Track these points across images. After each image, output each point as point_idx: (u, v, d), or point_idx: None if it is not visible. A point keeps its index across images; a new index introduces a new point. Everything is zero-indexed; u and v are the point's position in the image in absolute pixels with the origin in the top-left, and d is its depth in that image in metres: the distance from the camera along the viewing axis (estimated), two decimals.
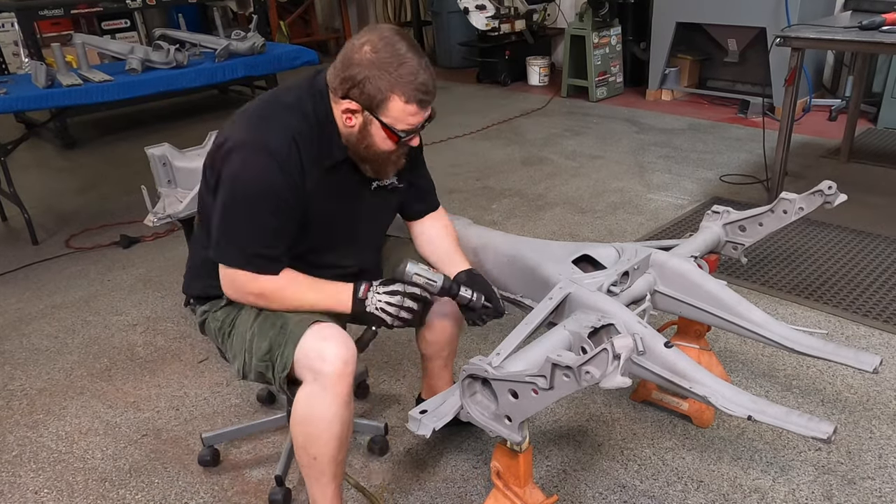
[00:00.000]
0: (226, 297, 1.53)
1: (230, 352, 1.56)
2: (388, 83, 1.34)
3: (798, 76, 3.02)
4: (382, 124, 1.39)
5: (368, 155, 1.46)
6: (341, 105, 1.40)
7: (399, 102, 1.36)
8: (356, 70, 1.34)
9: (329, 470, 1.48)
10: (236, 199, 1.39)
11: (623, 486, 1.79)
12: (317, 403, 1.40)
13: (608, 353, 1.05)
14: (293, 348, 1.40)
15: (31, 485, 1.92)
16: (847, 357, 1.51)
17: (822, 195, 1.82)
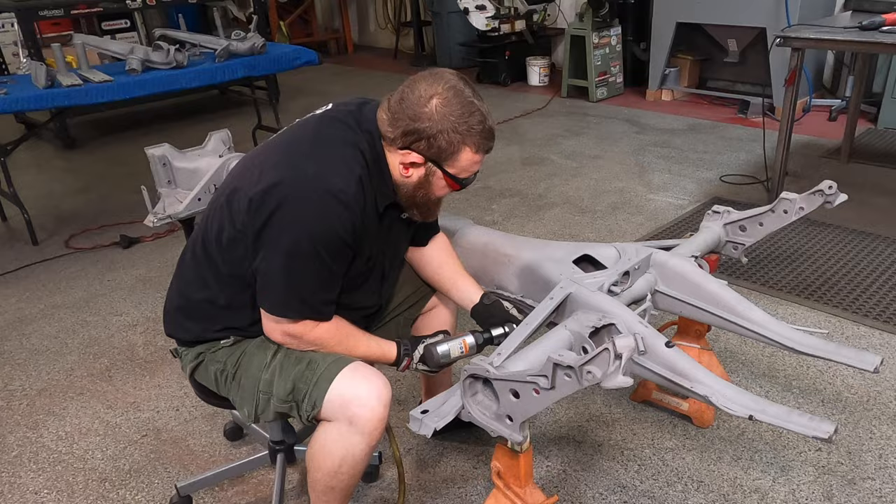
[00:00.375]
0: (230, 338, 1.46)
1: (235, 394, 1.47)
2: (460, 136, 1.33)
3: (798, 76, 3.03)
4: (446, 174, 1.38)
5: (422, 202, 1.44)
6: (399, 155, 1.36)
7: (469, 153, 1.36)
8: (426, 125, 1.31)
9: (342, 497, 1.46)
10: (303, 250, 1.30)
11: (623, 486, 1.78)
12: (349, 446, 1.36)
13: (610, 353, 1.05)
14: (325, 387, 1.35)
15: (31, 485, 1.92)
16: (847, 357, 1.51)
17: (823, 195, 1.82)
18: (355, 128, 1.38)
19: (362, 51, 8.65)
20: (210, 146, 2.74)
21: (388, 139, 1.36)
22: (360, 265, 1.44)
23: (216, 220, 1.40)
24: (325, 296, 1.38)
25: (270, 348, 1.45)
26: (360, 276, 1.47)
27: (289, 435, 1.77)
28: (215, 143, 2.76)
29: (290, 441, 1.78)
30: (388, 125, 1.35)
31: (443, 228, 1.99)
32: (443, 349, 1.52)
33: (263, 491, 1.85)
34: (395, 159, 1.37)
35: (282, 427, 1.75)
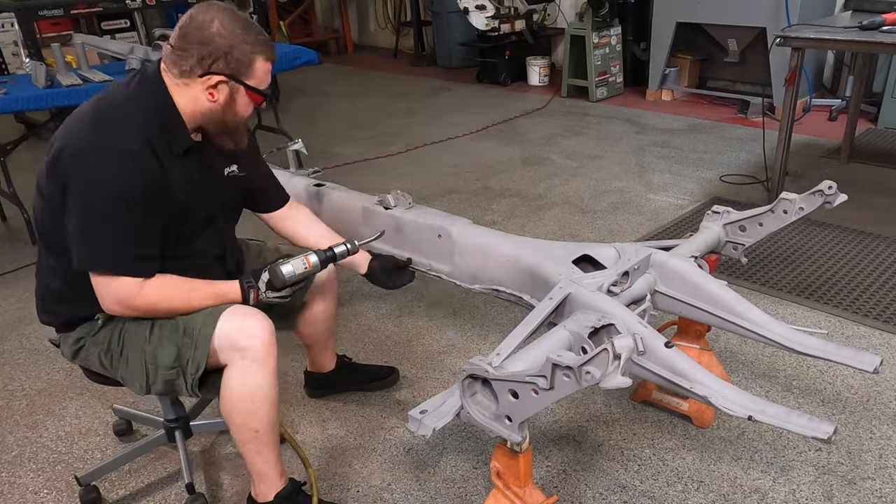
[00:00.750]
0: (102, 317, 1.50)
1: (125, 371, 1.53)
2: (250, 47, 1.45)
3: (798, 76, 3.02)
4: (249, 88, 1.48)
5: (232, 124, 1.53)
6: (200, 83, 1.44)
7: (262, 62, 1.48)
8: (218, 43, 1.41)
9: (271, 438, 1.55)
10: (99, 205, 1.36)
11: (623, 486, 1.78)
12: (251, 378, 1.46)
13: (609, 353, 1.05)
14: (206, 347, 1.44)
15: (31, 485, 1.92)
16: (847, 357, 1.51)
17: (823, 195, 1.82)
18: (136, 85, 1.47)
19: (362, 51, 8.65)
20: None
21: (184, 73, 1.44)
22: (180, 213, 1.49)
23: (38, 205, 1.47)
24: (137, 251, 1.42)
25: (146, 321, 1.50)
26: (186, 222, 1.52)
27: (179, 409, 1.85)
28: None
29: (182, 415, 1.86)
30: (179, 61, 1.43)
31: (441, 229, 1.99)
32: (287, 269, 1.55)
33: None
34: (197, 90, 1.45)
35: (172, 403, 1.83)
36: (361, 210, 2.21)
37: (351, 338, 2.52)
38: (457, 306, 2.68)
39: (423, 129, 5.09)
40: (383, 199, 2.14)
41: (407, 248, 2.11)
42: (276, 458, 1.60)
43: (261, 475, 1.60)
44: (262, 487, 1.62)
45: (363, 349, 2.45)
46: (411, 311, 2.68)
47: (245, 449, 1.56)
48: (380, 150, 4.65)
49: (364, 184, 3.85)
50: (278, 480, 1.62)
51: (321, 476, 1.88)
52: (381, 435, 2.02)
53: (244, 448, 1.56)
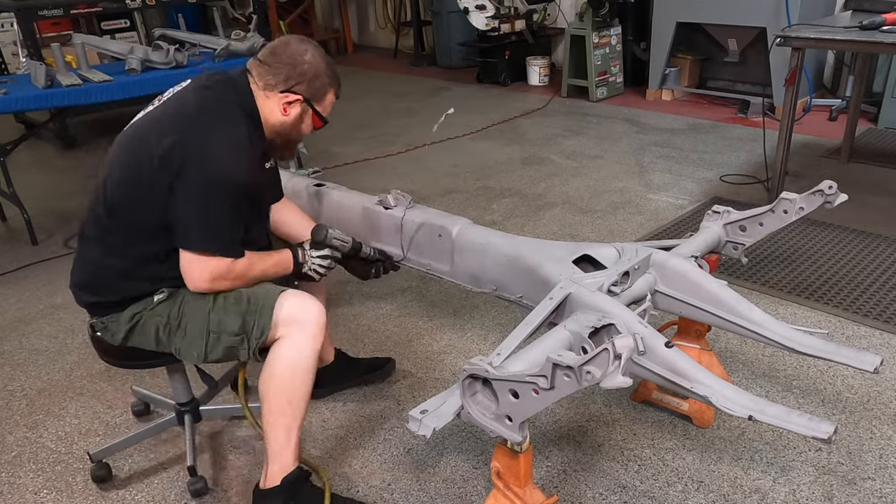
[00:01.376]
0: (167, 291, 1.63)
1: (181, 342, 1.64)
2: (328, 80, 1.70)
3: (798, 76, 3.02)
4: (315, 113, 1.72)
5: (293, 139, 1.75)
6: (279, 97, 1.66)
7: (332, 96, 1.74)
8: (307, 68, 1.65)
9: (300, 415, 1.64)
10: (218, 194, 1.53)
11: (623, 486, 1.78)
12: (301, 350, 1.60)
13: (609, 353, 1.05)
14: (269, 315, 1.59)
15: (31, 485, 1.92)
16: (848, 357, 1.51)
17: (823, 195, 1.82)
18: (231, 90, 1.64)
19: (362, 50, 8.65)
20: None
21: (268, 86, 1.65)
22: (254, 207, 1.69)
23: (119, 190, 1.60)
24: (237, 234, 1.61)
25: (208, 294, 1.62)
26: (255, 215, 1.72)
27: (190, 394, 1.94)
28: None
29: (192, 399, 1.95)
30: (266, 75, 1.65)
31: (441, 228, 2.00)
32: (329, 230, 1.82)
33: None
34: (274, 103, 1.66)
35: (184, 388, 1.92)
36: (361, 210, 2.21)
37: (351, 337, 2.52)
38: (457, 306, 2.68)
39: (423, 129, 5.09)
40: (383, 199, 2.14)
41: (407, 248, 2.11)
42: (296, 437, 1.66)
43: (277, 455, 1.65)
44: (275, 468, 1.66)
45: (363, 349, 2.45)
46: (411, 311, 2.68)
47: (273, 421, 1.63)
48: (380, 150, 4.65)
49: (364, 184, 3.85)
50: (291, 463, 1.66)
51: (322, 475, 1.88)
52: (381, 435, 2.02)
53: (273, 420, 1.62)
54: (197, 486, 1.82)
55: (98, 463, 1.90)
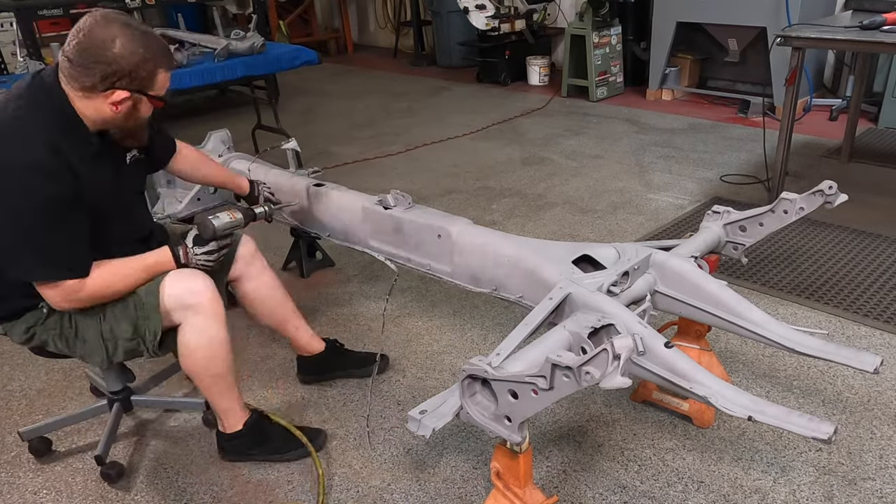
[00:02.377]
0: (46, 305, 1.60)
1: (83, 350, 1.68)
2: (153, 63, 1.52)
3: (799, 76, 3.02)
4: (150, 97, 1.57)
5: (134, 128, 1.62)
6: (103, 97, 1.50)
7: (163, 74, 1.57)
8: (122, 64, 1.47)
9: (231, 380, 1.78)
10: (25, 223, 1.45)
11: (623, 486, 1.78)
12: (205, 330, 1.65)
13: (608, 354, 1.05)
14: (157, 317, 1.62)
15: (31, 485, 1.92)
16: (848, 357, 1.50)
17: (823, 195, 1.81)
18: (30, 97, 1.51)
19: (362, 50, 8.65)
20: (210, 146, 2.75)
21: (85, 88, 1.48)
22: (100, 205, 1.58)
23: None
24: (71, 254, 1.53)
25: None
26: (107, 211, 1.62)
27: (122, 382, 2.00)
28: (215, 143, 2.76)
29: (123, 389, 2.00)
30: (80, 77, 1.47)
31: (441, 228, 1.99)
32: (215, 219, 1.72)
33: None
34: (99, 103, 1.51)
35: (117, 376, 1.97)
36: (361, 210, 2.20)
37: (351, 338, 2.52)
38: (457, 306, 2.68)
39: (423, 128, 5.09)
40: (383, 199, 2.14)
41: (407, 248, 2.11)
42: (237, 396, 1.83)
43: (226, 412, 1.83)
44: (230, 422, 1.85)
45: (363, 349, 2.45)
46: (411, 311, 2.68)
47: (209, 392, 1.77)
48: (379, 150, 4.64)
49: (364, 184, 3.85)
50: (242, 413, 1.86)
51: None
52: (381, 435, 2.02)
53: (208, 392, 1.77)
54: (109, 472, 1.89)
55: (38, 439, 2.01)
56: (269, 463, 1.91)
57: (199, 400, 2.03)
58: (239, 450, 1.90)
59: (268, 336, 2.52)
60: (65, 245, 1.51)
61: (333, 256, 3.05)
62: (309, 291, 2.87)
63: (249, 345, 2.48)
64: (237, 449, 1.89)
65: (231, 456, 1.92)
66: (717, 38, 5.04)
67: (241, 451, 1.90)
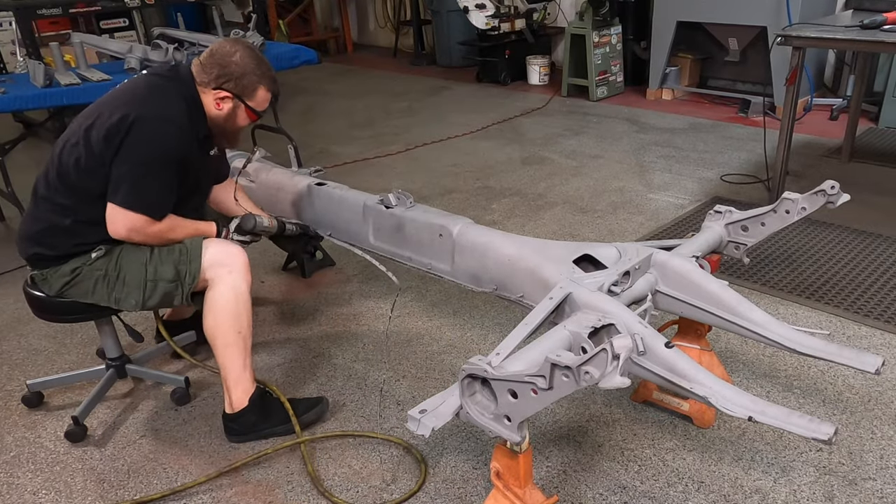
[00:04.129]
0: (105, 247, 1.83)
1: (120, 292, 1.86)
2: (257, 78, 1.90)
3: (799, 75, 3.02)
4: (248, 107, 1.93)
5: (230, 130, 1.97)
6: (212, 94, 1.88)
7: (263, 91, 1.93)
8: (234, 69, 1.87)
9: (249, 341, 1.91)
10: (149, 162, 1.76)
11: (623, 486, 1.78)
12: (238, 287, 1.86)
13: (607, 354, 1.04)
14: (199, 262, 1.85)
15: (30, 485, 1.91)
16: (849, 358, 1.50)
17: (825, 195, 1.81)
18: (176, 80, 1.88)
19: (362, 50, 8.64)
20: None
21: (203, 83, 1.88)
22: (189, 183, 1.90)
23: (72, 155, 1.79)
24: (164, 198, 1.83)
25: (144, 248, 1.86)
26: (189, 192, 1.92)
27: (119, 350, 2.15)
28: None
29: (121, 356, 2.16)
30: (202, 73, 1.88)
31: (441, 228, 1.99)
32: (257, 219, 2.06)
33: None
34: (210, 98, 1.89)
35: (115, 344, 2.14)
36: (362, 209, 2.20)
37: (351, 337, 2.52)
38: (457, 306, 2.68)
39: (423, 128, 5.09)
40: (384, 199, 2.13)
41: (407, 248, 2.10)
42: (250, 364, 1.94)
43: (237, 381, 1.92)
44: (238, 393, 1.93)
45: (363, 349, 2.44)
46: (411, 311, 2.67)
47: (228, 353, 1.89)
48: (379, 150, 4.64)
49: (364, 183, 3.85)
50: (251, 385, 1.94)
51: (323, 475, 1.87)
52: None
53: (228, 352, 1.89)
54: (74, 429, 2.02)
55: (33, 393, 2.21)
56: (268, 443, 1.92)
57: (179, 377, 2.18)
58: (245, 426, 1.97)
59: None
60: (158, 190, 1.80)
61: (334, 256, 3.05)
62: (309, 291, 2.86)
63: None
64: (243, 426, 1.96)
65: (236, 437, 1.99)
66: (717, 38, 5.03)
67: (247, 427, 1.97)
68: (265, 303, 2.78)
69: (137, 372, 2.22)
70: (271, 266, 3.07)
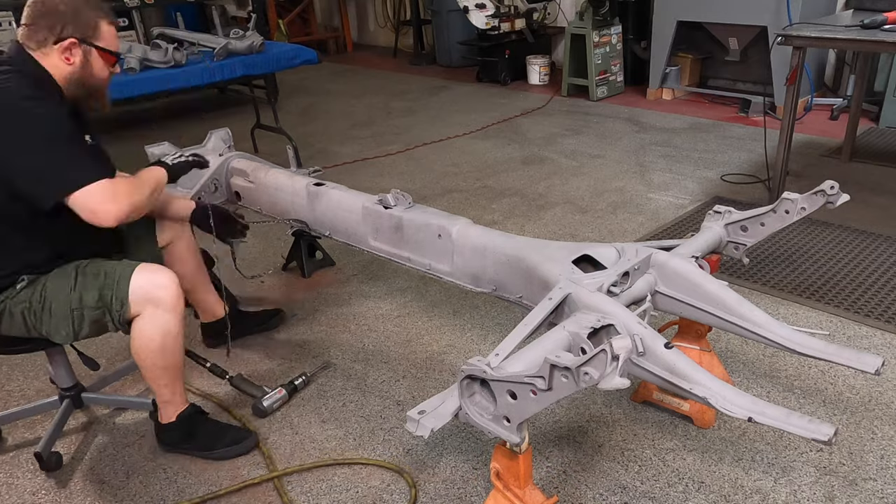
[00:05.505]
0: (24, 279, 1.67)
1: (48, 325, 1.70)
2: (94, 13, 1.67)
3: (799, 75, 3.01)
4: (100, 49, 1.69)
5: (94, 85, 1.73)
6: (56, 50, 1.64)
7: (107, 25, 1.70)
8: (63, 9, 1.63)
9: (178, 372, 1.85)
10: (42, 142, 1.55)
11: (624, 487, 1.77)
12: (163, 324, 1.72)
13: (607, 354, 1.04)
14: (126, 284, 1.68)
15: (29, 486, 1.91)
16: (849, 358, 1.50)
17: (825, 195, 1.81)
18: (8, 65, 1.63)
19: (361, 49, 8.64)
20: (210, 145, 2.74)
21: (39, 44, 1.64)
22: None
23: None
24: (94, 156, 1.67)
25: (68, 274, 1.70)
26: None
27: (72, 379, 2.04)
28: (215, 142, 2.75)
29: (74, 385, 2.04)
30: (34, 34, 1.64)
31: (441, 228, 1.99)
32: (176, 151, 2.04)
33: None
34: (55, 57, 1.65)
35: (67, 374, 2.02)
36: (361, 209, 2.20)
37: (351, 337, 2.52)
38: (457, 306, 2.67)
39: (423, 128, 5.08)
40: (383, 199, 2.13)
41: (407, 248, 2.10)
42: (180, 388, 1.89)
43: (166, 402, 1.89)
44: (168, 410, 1.91)
45: (363, 349, 2.44)
46: (411, 311, 2.67)
47: (154, 383, 1.83)
48: (379, 150, 4.64)
49: (363, 183, 3.85)
50: (180, 404, 1.91)
51: (321, 477, 1.87)
52: (381, 435, 2.01)
53: (153, 382, 1.83)
54: (49, 463, 1.92)
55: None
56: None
57: (147, 400, 2.06)
58: (171, 440, 1.96)
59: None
60: (83, 151, 1.64)
61: (333, 256, 3.05)
62: (309, 291, 2.86)
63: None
64: (169, 439, 1.96)
65: (164, 446, 1.99)
66: (717, 38, 5.03)
67: (173, 443, 1.97)
68: (266, 303, 2.77)
69: (96, 400, 2.14)
70: (271, 266, 3.06)
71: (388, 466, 1.88)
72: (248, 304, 2.68)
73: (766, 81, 4.69)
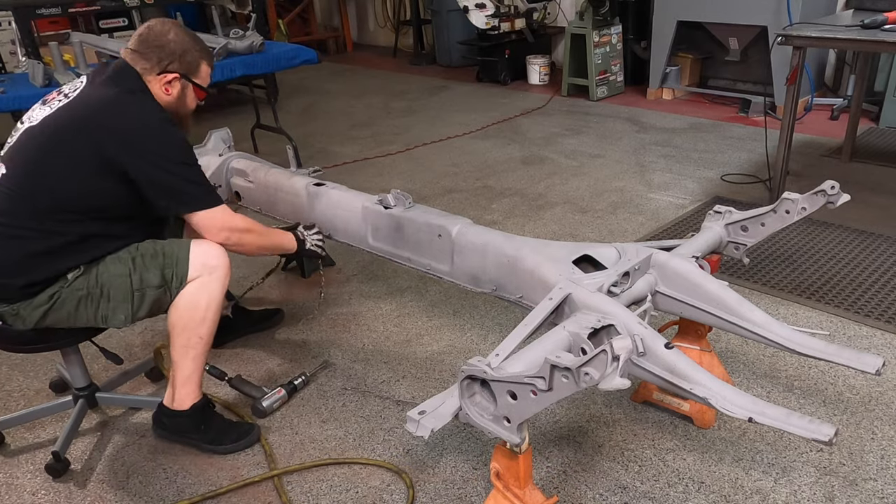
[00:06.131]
0: (84, 266, 1.72)
1: (106, 309, 1.76)
2: (198, 54, 1.86)
3: (800, 75, 3.01)
4: (196, 86, 1.88)
5: (183, 114, 1.91)
6: (159, 79, 1.81)
7: (205, 66, 1.89)
8: (174, 48, 1.80)
9: (207, 346, 1.85)
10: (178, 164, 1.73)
11: (624, 487, 1.77)
12: (211, 290, 1.80)
13: (607, 355, 1.04)
14: (186, 260, 1.78)
15: (29, 486, 1.91)
16: (849, 359, 1.50)
17: (826, 195, 1.81)
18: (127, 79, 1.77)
19: (361, 49, 8.64)
20: (210, 144, 2.74)
21: (145, 71, 1.79)
22: None
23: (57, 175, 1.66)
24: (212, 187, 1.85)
25: (124, 258, 1.77)
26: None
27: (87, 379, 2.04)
28: (215, 142, 2.75)
29: (89, 385, 2.04)
30: (140, 60, 1.79)
31: (441, 228, 1.99)
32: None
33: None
34: (157, 85, 1.81)
35: (83, 373, 2.02)
36: (361, 209, 2.20)
37: (351, 337, 2.51)
38: (457, 306, 2.67)
39: (423, 128, 5.08)
40: (383, 199, 2.13)
41: (407, 248, 2.10)
42: (202, 368, 1.90)
43: (186, 381, 1.87)
44: (183, 393, 1.89)
45: (363, 349, 2.44)
46: (411, 311, 2.67)
47: (183, 353, 1.83)
48: (379, 150, 4.64)
49: (363, 183, 3.85)
50: (197, 391, 1.91)
51: (320, 476, 1.87)
52: (381, 436, 2.01)
53: (184, 352, 1.83)
54: (56, 466, 1.91)
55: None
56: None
57: (157, 399, 2.01)
58: (177, 429, 1.95)
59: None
60: (206, 178, 1.82)
61: (333, 256, 3.05)
62: (309, 291, 2.86)
63: None
64: (175, 427, 1.95)
65: (164, 432, 1.98)
66: (717, 37, 5.03)
67: (177, 430, 1.96)
68: (265, 303, 2.77)
69: (111, 400, 2.12)
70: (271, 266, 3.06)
71: (388, 466, 1.88)
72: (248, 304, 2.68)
73: (767, 81, 4.69)
